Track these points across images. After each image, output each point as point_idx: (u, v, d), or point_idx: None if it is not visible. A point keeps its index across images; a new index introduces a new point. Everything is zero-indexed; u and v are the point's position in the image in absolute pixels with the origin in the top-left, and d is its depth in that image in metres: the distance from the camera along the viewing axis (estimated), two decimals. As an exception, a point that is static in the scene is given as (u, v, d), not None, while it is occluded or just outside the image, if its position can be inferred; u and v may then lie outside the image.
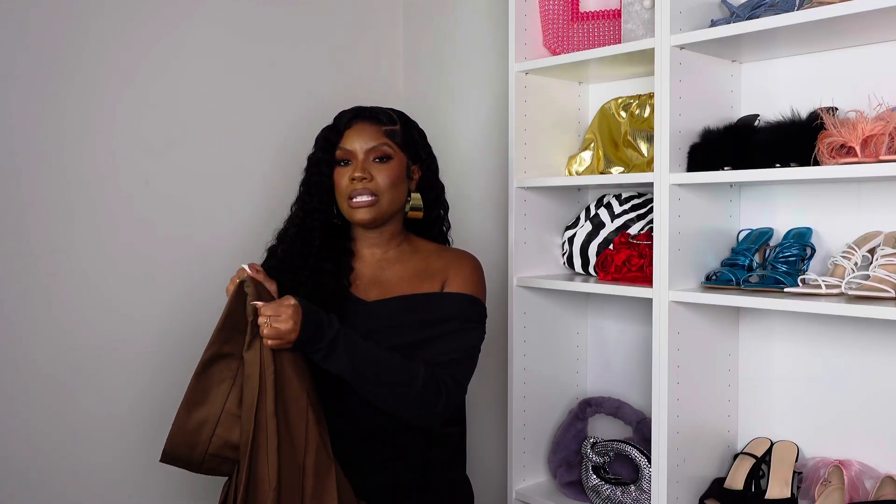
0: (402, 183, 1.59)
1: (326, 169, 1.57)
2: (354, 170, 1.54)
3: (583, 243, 1.93)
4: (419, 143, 1.65)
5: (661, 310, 1.64)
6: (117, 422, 1.92)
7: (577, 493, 1.92)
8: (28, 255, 1.79)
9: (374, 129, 1.57)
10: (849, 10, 1.37)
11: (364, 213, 1.55)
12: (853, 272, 1.51)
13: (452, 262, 1.62)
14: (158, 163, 1.97)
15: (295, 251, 1.58)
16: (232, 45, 2.10)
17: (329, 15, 2.31)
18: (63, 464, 1.84)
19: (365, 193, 1.54)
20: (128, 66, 1.92)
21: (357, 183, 1.54)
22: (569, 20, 1.92)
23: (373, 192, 1.54)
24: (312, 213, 1.59)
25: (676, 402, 1.66)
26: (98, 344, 1.89)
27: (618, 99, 1.93)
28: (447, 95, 2.41)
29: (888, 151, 1.38)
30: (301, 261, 1.57)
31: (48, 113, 1.80)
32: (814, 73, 1.66)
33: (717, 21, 1.62)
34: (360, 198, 1.54)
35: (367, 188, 1.54)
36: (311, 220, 1.59)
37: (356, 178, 1.53)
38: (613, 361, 2.07)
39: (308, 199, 1.60)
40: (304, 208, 1.60)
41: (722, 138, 1.61)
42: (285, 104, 2.19)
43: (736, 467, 1.72)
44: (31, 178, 1.79)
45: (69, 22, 1.82)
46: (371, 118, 1.59)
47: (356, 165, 1.55)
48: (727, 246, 1.76)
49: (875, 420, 1.61)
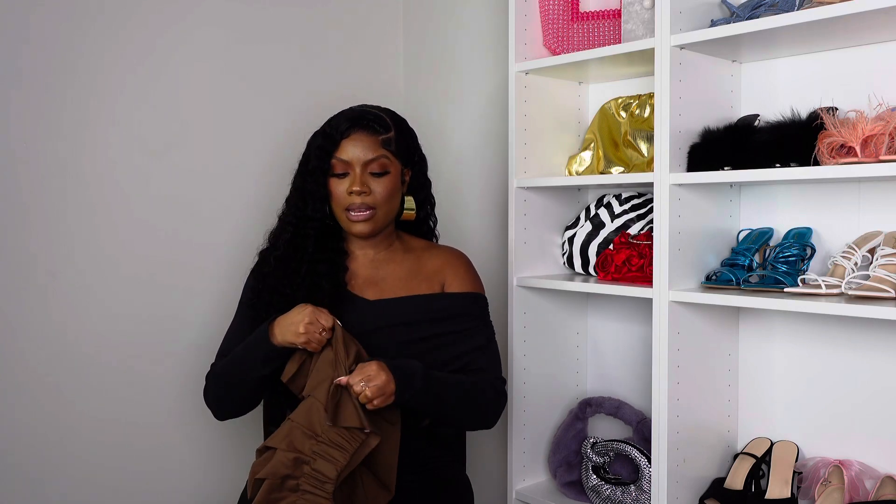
0: (397, 193, 1.61)
1: (322, 178, 1.57)
2: (353, 184, 1.54)
3: (583, 243, 1.93)
4: (411, 146, 1.65)
5: (661, 310, 1.64)
6: (115, 423, 1.92)
7: (577, 493, 1.92)
8: (26, 256, 1.79)
9: (371, 139, 1.56)
10: (849, 10, 1.36)
11: (362, 227, 1.56)
12: (853, 272, 1.50)
13: (446, 263, 1.65)
14: (158, 163, 1.97)
15: (290, 256, 1.58)
16: (231, 45, 2.10)
17: (329, 15, 2.31)
18: (60, 465, 1.84)
19: (363, 209, 1.55)
20: (127, 67, 1.91)
21: (356, 197, 1.54)
22: (569, 20, 1.92)
23: (370, 206, 1.55)
24: (307, 222, 1.59)
25: (676, 402, 1.66)
26: (95, 344, 1.89)
27: (618, 99, 1.93)
28: (447, 95, 2.40)
29: (888, 151, 1.38)
30: (296, 265, 1.57)
31: (47, 113, 1.80)
32: (814, 73, 1.66)
33: (717, 21, 1.62)
34: (359, 212, 1.55)
35: (364, 203, 1.55)
36: (306, 227, 1.59)
37: (355, 192, 1.54)
38: (613, 361, 2.07)
39: (302, 205, 1.59)
40: (297, 215, 1.60)
41: (722, 138, 1.61)
42: (285, 104, 2.19)
43: (736, 467, 1.72)
44: (29, 179, 1.78)
45: (68, 23, 1.82)
46: (367, 128, 1.56)
47: (354, 179, 1.54)
48: (727, 246, 1.76)
49: (875, 420, 1.61)
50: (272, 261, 1.59)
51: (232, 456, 2.08)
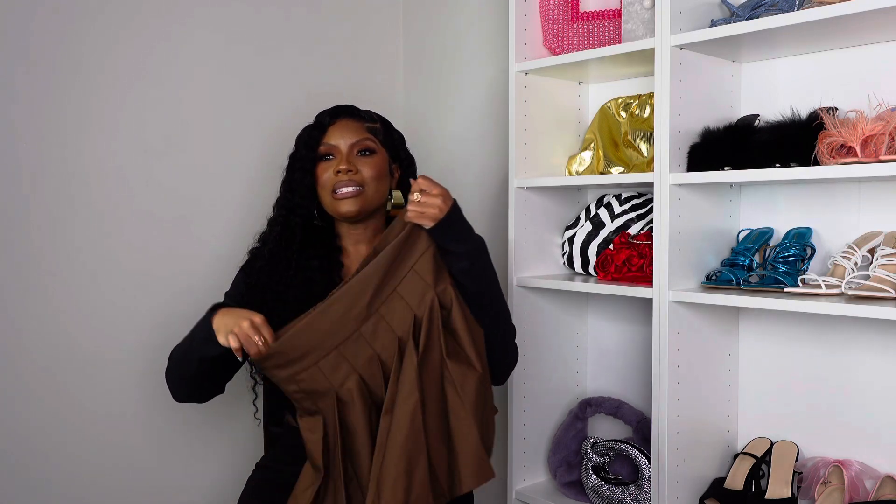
0: (385, 177, 1.62)
1: (309, 165, 1.59)
2: (339, 163, 1.56)
3: (583, 243, 1.93)
4: (399, 144, 1.68)
5: (661, 310, 1.64)
6: (117, 420, 1.92)
7: (577, 493, 1.92)
8: (28, 254, 1.79)
9: (357, 124, 1.61)
10: (849, 10, 1.36)
11: (350, 205, 1.56)
12: (853, 272, 1.51)
13: None
14: (159, 162, 1.97)
15: (280, 252, 1.58)
16: (231, 46, 2.10)
17: (329, 16, 2.31)
18: (62, 463, 1.84)
19: (350, 185, 1.55)
20: (128, 67, 1.92)
21: (342, 175, 1.55)
22: (569, 20, 1.92)
23: (358, 183, 1.56)
24: (294, 210, 1.59)
25: (676, 402, 1.66)
26: (98, 342, 1.89)
27: (618, 99, 1.93)
28: (447, 95, 2.40)
29: (888, 151, 1.38)
30: (286, 262, 1.57)
31: (48, 114, 1.80)
32: (814, 73, 1.66)
33: (717, 21, 1.62)
34: (346, 188, 1.55)
35: (352, 180, 1.56)
36: (293, 216, 1.59)
37: (342, 171, 1.55)
38: (613, 361, 2.07)
39: (290, 196, 1.60)
40: (285, 206, 1.60)
41: (722, 138, 1.61)
42: (285, 105, 2.18)
43: (736, 467, 1.72)
44: (31, 178, 1.79)
45: (70, 24, 1.82)
46: (353, 115, 1.62)
47: (341, 159, 1.57)
48: (727, 246, 1.76)
49: (875, 420, 1.61)
50: (266, 253, 1.59)
51: (234, 453, 2.08)
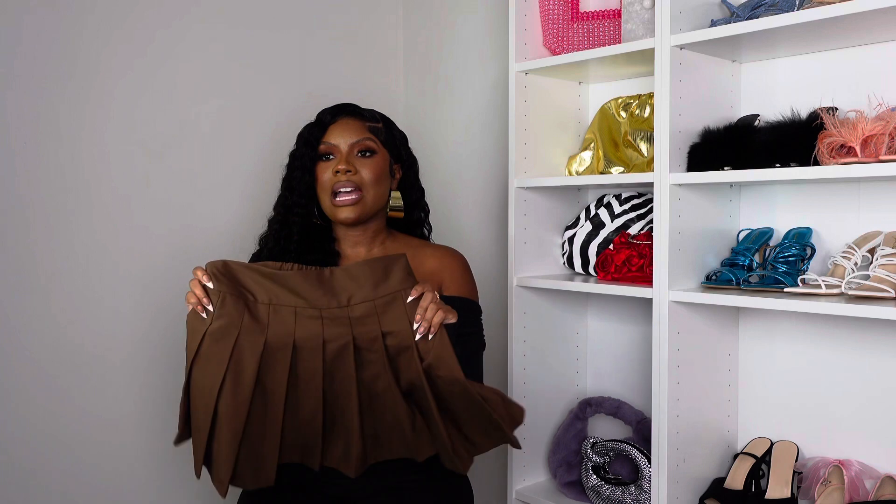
0: (385, 179, 1.60)
1: (309, 163, 1.57)
2: (338, 163, 1.55)
3: (583, 243, 1.93)
4: (401, 144, 1.66)
5: (661, 310, 1.64)
6: (117, 422, 1.92)
7: (577, 493, 1.92)
8: (27, 257, 1.79)
9: (358, 124, 1.59)
10: (849, 10, 1.37)
11: (349, 212, 1.54)
12: (853, 272, 1.51)
13: (445, 264, 1.61)
14: (156, 163, 1.97)
15: (278, 253, 1.57)
16: (230, 44, 2.10)
17: (329, 16, 2.31)
18: (62, 464, 1.84)
19: (349, 186, 1.54)
20: (124, 66, 1.91)
21: (341, 175, 1.54)
22: (569, 20, 1.92)
23: (357, 185, 1.54)
24: (292, 209, 1.58)
25: (676, 402, 1.66)
26: (97, 343, 1.89)
27: (618, 99, 1.93)
28: (447, 95, 2.40)
29: (888, 151, 1.38)
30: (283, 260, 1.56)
31: (45, 113, 1.80)
32: (814, 73, 1.66)
33: (717, 21, 1.62)
34: (345, 193, 1.53)
35: (351, 181, 1.54)
36: (292, 215, 1.58)
37: (340, 171, 1.54)
38: (613, 361, 2.07)
39: (289, 194, 1.59)
40: (284, 204, 1.60)
41: (722, 138, 1.61)
42: (284, 106, 2.18)
43: (736, 467, 1.72)
44: (28, 180, 1.78)
45: (64, 22, 1.82)
46: (355, 114, 1.61)
47: (340, 158, 1.55)
48: (727, 246, 1.76)
49: (875, 420, 1.61)
50: (265, 254, 1.59)
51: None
